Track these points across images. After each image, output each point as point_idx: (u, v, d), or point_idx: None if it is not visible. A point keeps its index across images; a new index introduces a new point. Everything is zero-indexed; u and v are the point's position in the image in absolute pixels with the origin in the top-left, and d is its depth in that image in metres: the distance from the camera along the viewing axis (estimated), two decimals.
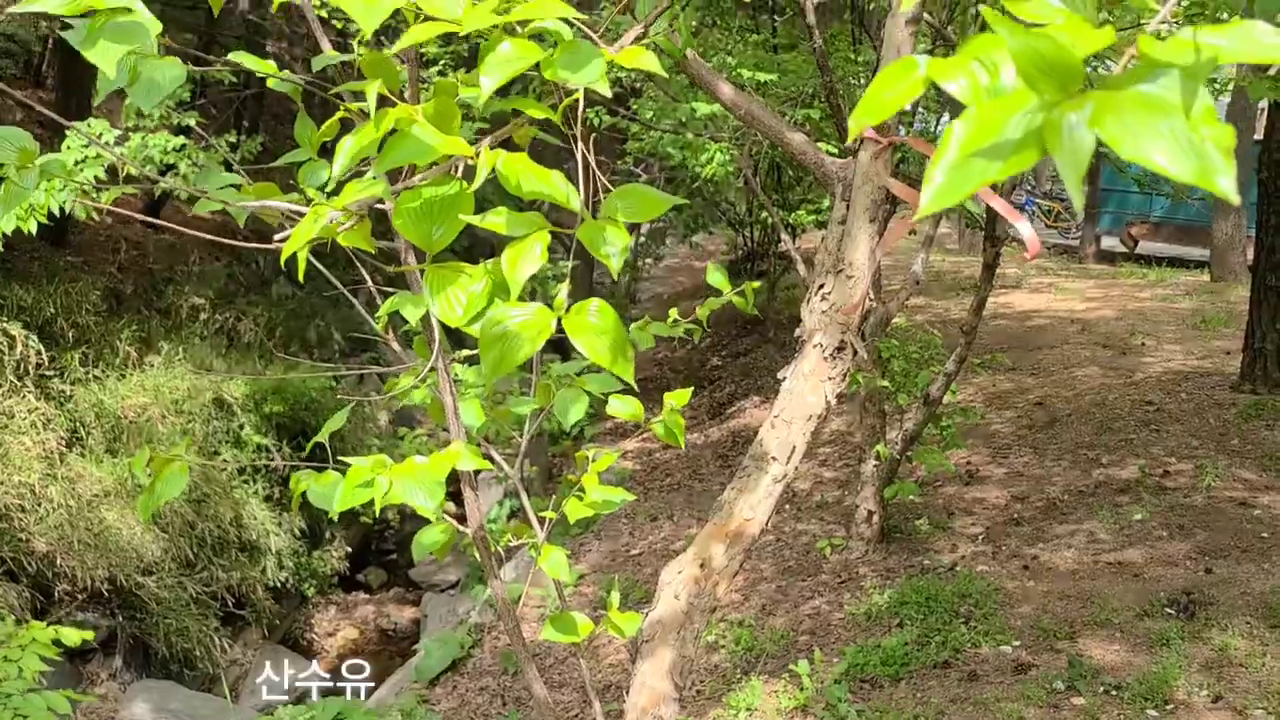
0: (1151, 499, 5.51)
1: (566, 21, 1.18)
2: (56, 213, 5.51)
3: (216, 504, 7.34)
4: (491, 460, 1.94)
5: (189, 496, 6.97)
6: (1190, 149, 0.64)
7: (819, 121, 6.28)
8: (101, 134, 6.13)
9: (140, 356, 7.84)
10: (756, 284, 3.06)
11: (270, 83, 1.59)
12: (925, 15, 3.67)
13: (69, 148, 5.97)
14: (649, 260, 15.63)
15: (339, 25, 6.15)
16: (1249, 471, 5.71)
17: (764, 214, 9.34)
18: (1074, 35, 0.78)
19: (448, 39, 7.43)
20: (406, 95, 1.16)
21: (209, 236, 1.75)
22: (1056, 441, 6.56)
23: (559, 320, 1.01)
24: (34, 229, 5.52)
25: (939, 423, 5.67)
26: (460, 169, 1.09)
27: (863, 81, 6.93)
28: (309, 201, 1.82)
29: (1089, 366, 7.96)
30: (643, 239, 14.91)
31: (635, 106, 7.21)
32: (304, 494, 1.78)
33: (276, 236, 1.13)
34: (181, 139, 7.04)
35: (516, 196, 1.16)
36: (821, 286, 1.96)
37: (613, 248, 1.03)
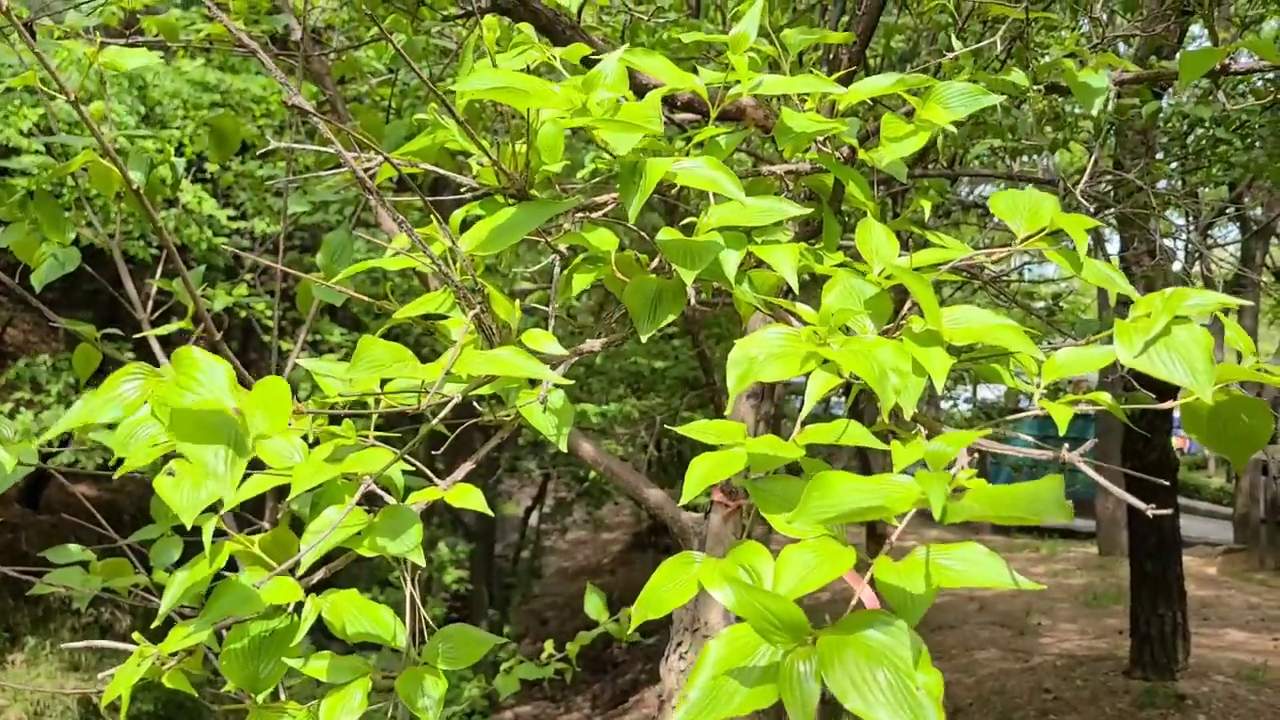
0: None
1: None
2: None
3: None
4: None
5: None
6: (904, 702, 0.72)
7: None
8: None
9: (3, 653, 7.33)
10: (632, 610, 3.09)
11: (126, 466, 1.62)
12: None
13: None
14: (555, 534, 15.53)
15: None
16: None
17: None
18: (821, 555, 0.87)
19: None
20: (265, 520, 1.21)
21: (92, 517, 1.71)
22: None
23: None
24: None
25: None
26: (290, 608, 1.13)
27: None
28: (152, 573, 1.82)
29: (989, 649, 8.00)
30: (547, 511, 14.89)
31: None
32: None
33: (100, 675, 1.13)
34: None
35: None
36: (680, 645, 2.00)
37: (429, 698, 1.05)
